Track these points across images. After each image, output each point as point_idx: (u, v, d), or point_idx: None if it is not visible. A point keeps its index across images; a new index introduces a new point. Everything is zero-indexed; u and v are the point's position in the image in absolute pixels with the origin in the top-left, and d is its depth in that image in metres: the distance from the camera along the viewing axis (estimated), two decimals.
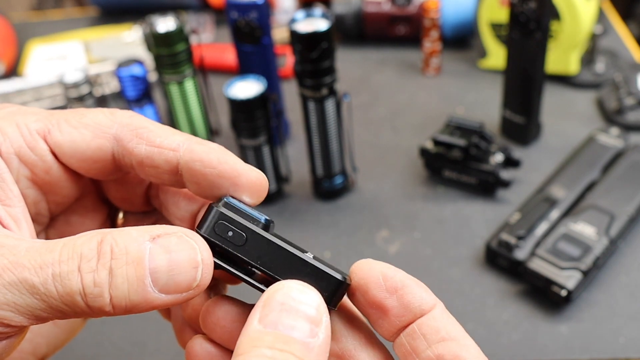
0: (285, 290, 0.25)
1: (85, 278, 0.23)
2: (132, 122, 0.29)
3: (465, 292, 0.59)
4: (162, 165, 0.28)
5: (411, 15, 0.93)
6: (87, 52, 0.99)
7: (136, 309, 0.24)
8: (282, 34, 0.97)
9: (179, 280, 0.25)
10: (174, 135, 0.28)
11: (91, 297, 0.23)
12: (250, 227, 0.27)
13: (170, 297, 0.25)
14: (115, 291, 0.24)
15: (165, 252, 0.24)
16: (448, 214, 0.67)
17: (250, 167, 0.29)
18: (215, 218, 0.27)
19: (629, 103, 0.76)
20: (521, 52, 0.69)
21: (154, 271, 0.24)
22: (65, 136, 0.28)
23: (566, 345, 0.53)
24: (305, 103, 0.64)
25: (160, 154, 0.28)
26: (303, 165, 0.73)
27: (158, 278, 0.24)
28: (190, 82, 0.69)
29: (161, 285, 0.24)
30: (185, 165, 0.28)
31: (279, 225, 0.68)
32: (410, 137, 0.78)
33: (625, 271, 0.59)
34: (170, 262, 0.24)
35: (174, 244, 0.25)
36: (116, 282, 0.24)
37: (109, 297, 0.24)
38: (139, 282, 0.24)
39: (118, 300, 0.24)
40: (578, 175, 0.65)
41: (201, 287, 0.25)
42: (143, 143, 0.28)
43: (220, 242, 0.27)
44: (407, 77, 0.90)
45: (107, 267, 0.24)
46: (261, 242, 0.27)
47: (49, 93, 0.86)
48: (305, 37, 0.59)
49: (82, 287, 0.23)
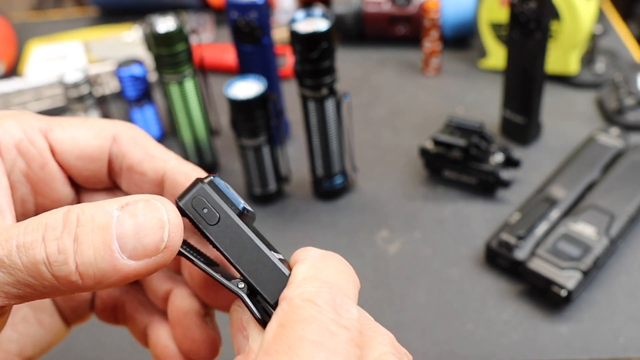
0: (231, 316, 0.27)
1: (49, 246, 0.23)
2: (132, 129, 0.30)
3: (465, 292, 0.59)
4: (149, 173, 0.30)
5: (411, 15, 0.93)
6: (87, 52, 0.99)
7: (106, 280, 0.24)
8: (282, 34, 0.97)
9: (146, 243, 0.24)
10: (167, 151, 0.31)
11: (56, 266, 0.23)
12: (225, 210, 0.27)
13: (141, 264, 0.24)
14: (81, 258, 0.23)
15: (132, 217, 0.24)
16: (448, 214, 0.67)
17: None
18: (195, 192, 0.27)
19: (629, 103, 0.76)
20: (521, 52, 0.69)
21: (121, 236, 0.24)
22: (66, 133, 0.29)
23: (566, 345, 0.53)
24: (305, 103, 0.64)
25: (151, 162, 0.30)
26: (303, 165, 0.73)
27: (125, 243, 0.24)
28: (190, 82, 0.69)
29: (129, 250, 0.24)
30: (171, 175, 0.29)
31: (279, 225, 0.68)
32: (410, 137, 0.78)
33: (625, 271, 0.59)
34: (136, 226, 0.24)
35: (141, 208, 0.24)
36: (82, 249, 0.23)
37: (74, 265, 0.23)
38: (105, 248, 0.23)
39: (85, 267, 0.23)
40: (578, 175, 0.65)
41: (170, 249, 0.25)
42: (139, 149, 0.30)
43: (193, 216, 0.27)
44: (407, 77, 0.91)
45: (72, 234, 0.23)
46: (232, 227, 0.27)
47: (49, 93, 0.86)
48: (305, 37, 0.59)
49: (46, 256, 0.23)
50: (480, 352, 0.54)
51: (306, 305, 0.24)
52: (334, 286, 0.25)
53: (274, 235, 0.67)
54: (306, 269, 0.26)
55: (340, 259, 0.28)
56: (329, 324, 0.23)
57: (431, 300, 0.58)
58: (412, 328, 0.56)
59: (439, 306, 0.58)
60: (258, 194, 0.69)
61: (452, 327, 0.56)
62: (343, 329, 0.23)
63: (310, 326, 0.23)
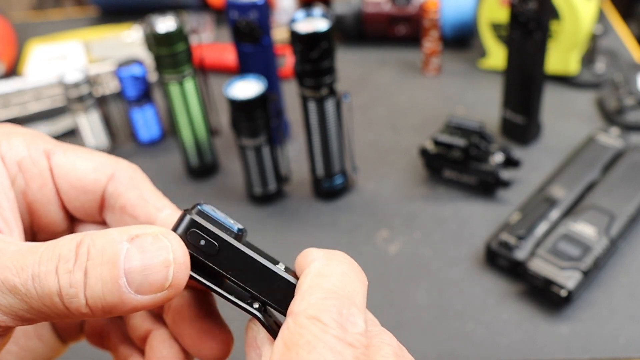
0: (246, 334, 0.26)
1: (61, 279, 0.24)
2: (132, 170, 0.30)
3: (465, 292, 0.59)
4: (140, 218, 0.30)
5: (411, 15, 0.93)
6: (87, 52, 0.99)
7: (115, 311, 0.24)
8: (282, 34, 0.97)
9: (152, 280, 0.25)
10: (163, 199, 0.30)
11: (67, 298, 0.24)
12: (223, 237, 0.27)
13: (147, 298, 0.25)
14: (90, 292, 0.24)
15: (140, 252, 0.25)
16: (448, 214, 0.67)
17: None
18: (188, 225, 0.26)
19: (629, 103, 0.76)
20: (521, 52, 0.69)
21: (129, 272, 0.24)
22: (68, 159, 0.30)
23: (566, 345, 0.53)
24: (305, 103, 0.64)
25: (144, 207, 0.30)
26: (303, 165, 0.72)
27: (133, 278, 0.24)
28: (190, 82, 0.69)
29: (136, 285, 0.24)
30: (162, 225, 0.29)
31: (279, 225, 0.68)
32: (410, 137, 0.78)
33: (625, 271, 0.59)
34: (143, 262, 0.25)
35: (149, 243, 0.25)
36: (90, 283, 0.24)
37: (84, 299, 0.24)
38: (113, 283, 0.24)
39: (93, 301, 0.24)
40: (578, 175, 0.65)
41: (175, 287, 0.25)
42: (136, 190, 0.30)
43: (192, 250, 0.26)
44: (407, 77, 0.90)
45: (82, 268, 0.24)
46: (233, 253, 0.27)
47: (49, 93, 0.86)
48: (305, 37, 0.59)
49: (59, 288, 0.24)
50: (480, 352, 0.54)
51: (311, 324, 0.24)
52: (340, 295, 0.25)
53: (274, 235, 0.67)
54: (310, 278, 0.26)
55: (343, 259, 0.28)
56: (334, 343, 0.23)
57: (431, 300, 0.58)
58: (412, 328, 0.56)
59: (439, 306, 0.58)
60: (258, 194, 0.69)
61: (452, 327, 0.56)
62: (349, 348, 0.23)
63: (315, 350, 0.23)
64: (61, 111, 0.85)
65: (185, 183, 0.75)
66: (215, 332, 0.30)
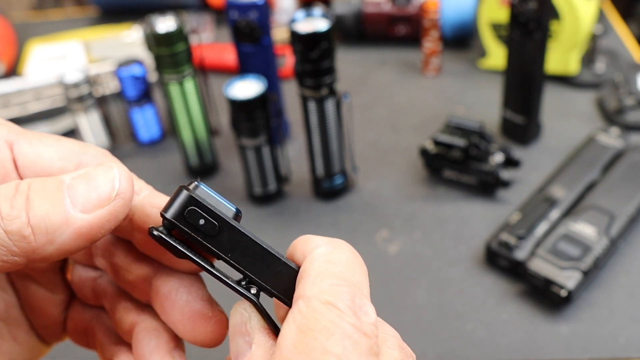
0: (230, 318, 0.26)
1: (2, 204, 0.24)
2: (103, 155, 0.29)
3: (465, 292, 0.59)
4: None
5: (411, 15, 0.93)
6: (87, 52, 0.99)
7: (59, 235, 0.24)
8: (282, 34, 0.97)
9: (97, 193, 0.25)
10: (138, 181, 0.29)
11: (8, 219, 0.23)
12: (224, 217, 0.25)
13: (93, 216, 0.24)
14: (32, 212, 0.24)
15: (84, 179, 0.25)
16: (448, 214, 0.67)
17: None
18: (185, 202, 0.25)
19: (629, 103, 0.76)
20: (521, 52, 0.69)
21: (72, 192, 0.24)
22: (33, 149, 0.28)
23: (566, 345, 0.53)
24: (305, 103, 0.64)
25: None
26: (303, 165, 0.73)
27: (77, 196, 0.24)
28: (190, 82, 0.69)
29: (81, 203, 0.24)
30: (140, 208, 0.28)
31: (279, 225, 0.68)
32: (410, 137, 0.78)
33: (625, 271, 0.59)
34: (87, 182, 0.25)
35: (92, 171, 0.25)
36: (33, 204, 0.24)
37: (26, 219, 0.23)
38: (57, 202, 0.24)
39: (36, 220, 0.24)
40: (578, 175, 0.65)
41: (122, 197, 0.25)
42: None
43: (189, 229, 0.25)
44: (407, 77, 0.90)
45: (24, 195, 0.24)
46: (235, 234, 0.25)
47: (49, 93, 0.86)
48: (305, 37, 0.59)
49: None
50: (480, 352, 0.54)
51: (327, 309, 0.23)
52: (351, 283, 0.25)
53: (274, 235, 0.67)
54: (319, 264, 0.25)
55: (349, 248, 0.27)
56: (351, 331, 0.23)
57: (431, 300, 0.58)
58: (412, 328, 0.56)
59: (439, 306, 0.58)
60: (258, 194, 0.69)
61: (452, 327, 0.56)
62: (364, 337, 0.23)
63: (333, 337, 0.23)
64: (61, 111, 0.85)
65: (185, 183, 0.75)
66: (209, 314, 0.29)
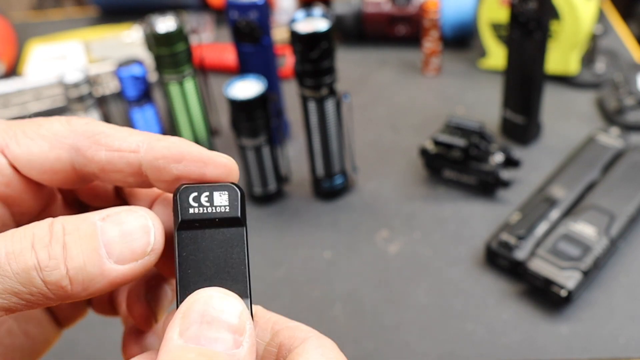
0: (204, 300, 0.24)
1: (39, 253, 0.23)
2: (89, 128, 0.28)
3: (465, 292, 0.59)
4: (125, 169, 0.27)
5: (411, 15, 0.93)
6: (87, 52, 0.99)
7: (94, 285, 0.24)
8: (282, 34, 0.97)
9: (133, 247, 0.25)
10: (132, 136, 0.28)
11: (47, 271, 0.23)
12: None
13: (127, 267, 0.24)
14: (71, 263, 0.23)
15: (117, 224, 0.25)
16: (448, 214, 0.67)
17: (217, 153, 0.28)
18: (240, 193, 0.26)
19: (629, 103, 0.76)
20: (521, 52, 0.69)
21: (108, 242, 0.24)
22: (22, 148, 0.28)
23: (566, 345, 0.53)
24: (305, 103, 0.64)
25: (121, 158, 0.27)
26: (303, 165, 0.73)
27: (112, 248, 0.24)
28: (190, 82, 0.69)
29: (117, 255, 0.24)
30: (148, 164, 0.27)
31: (279, 225, 0.68)
32: (410, 137, 0.78)
33: (625, 271, 0.59)
34: (122, 232, 0.25)
35: (124, 216, 0.25)
36: (71, 254, 0.24)
37: (65, 269, 0.23)
38: (93, 253, 0.24)
39: (75, 272, 0.23)
40: (578, 175, 0.65)
41: (155, 252, 0.25)
42: (102, 149, 0.27)
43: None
44: (407, 77, 0.91)
45: (60, 241, 0.24)
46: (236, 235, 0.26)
47: (49, 93, 0.86)
48: (305, 37, 0.59)
49: (37, 261, 0.23)
50: (480, 352, 0.54)
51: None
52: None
53: (274, 235, 0.67)
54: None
55: (337, 353, 0.27)
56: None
57: (431, 300, 0.58)
58: (412, 328, 0.56)
59: (439, 306, 0.58)
60: (258, 194, 0.69)
61: (452, 327, 0.56)
62: None
63: None
64: (61, 111, 0.85)
65: None
66: None
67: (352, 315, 0.57)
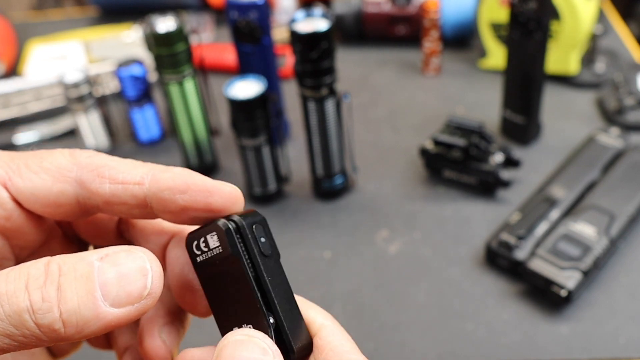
0: (232, 345, 0.25)
1: (32, 294, 0.23)
2: (92, 161, 0.28)
3: (465, 292, 0.59)
4: (129, 201, 0.27)
5: (411, 15, 0.93)
6: (87, 52, 0.99)
7: (87, 328, 0.23)
8: (282, 34, 0.97)
9: (129, 290, 0.24)
10: (136, 168, 0.28)
11: (40, 314, 0.23)
12: (276, 246, 0.28)
13: (123, 311, 0.24)
14: (64, 306, 0.23)
15: (114, 266, 0.24)
16: (448, 214, 0.67)
17: (221, 183, 0.28)
18: (257, 218, 0.27)
19: (629, 103, 0.76)
20: (521, 52, 0.69)
21: (104, 284, 0.24)
22: (26, 182, 0.28)
23: (566, 345, 0.53)
24: (305, 103, 0.64)
25: (125, 190, 0.27)
26: (303, 165, 0.73)
27: (108, 291, 0.24)
28: (190, 82, 0.69)
29: (112, 298, 0.24)
30: (153, 196, 0.27)
31: (279, 225, 0.68)
32: (410, 137, 0.78)
33: (625, 271, 0.59)
34: (119, 274, 0.24)
35: (123, 257, 0.24)
36: (65, 297, 0.23)
37: (58, 312, 0.23)
38: (88, 296, 0.23)
39: (68, 315, 0.23)
40: (578, 175, 0.65)
41: (152, 296, 0.25)
42: (106, 182, 0.27)
43: (250, 239, 0.27)
44: (407, 77, 0.90)
45: (55, 283, 0.23)
46: (276, 266, 0.27)
47: (49, 93, 0.86)
48: (305, 37, 0.59)
49: (30, 304, 0.23)
50: (480, 352, 0.54)
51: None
52: None
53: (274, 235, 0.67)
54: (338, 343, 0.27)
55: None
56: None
57: (431, 300, 0.58)
58: (412, 328, 0.56)
59: (439, 306, 0.58)
60: (258, 194, 0.69)
61: (452, 327, 0.56)
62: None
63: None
64: (61, 111, 0.85)
65: None
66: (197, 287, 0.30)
67: (352, 315, 0.57)
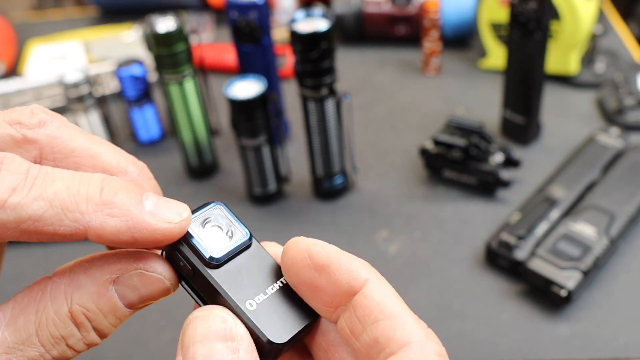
0: (193, 324, 0.25)
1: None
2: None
3: (465, 292, 0.59)
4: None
5: (411, 15, 0.93)
6: (87, 52, 0.99)
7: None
8: (282, 34, 0.97)
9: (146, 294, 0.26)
10: (111, 152, 0.29)
11: None
12: (195, 264, 0.27)
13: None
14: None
15: (133, 290, 0.25)
16: (448, 214, 0.67)
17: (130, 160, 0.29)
18: (169, 246, 0.27)
19: (629, 103, 0.76)
20: (521, 52, 0.69)
21: (129, 305, 0.26)
22: None
23: (566, 345, 0.53)
24: (305, 103, 0.64)
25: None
26: (303, 165, 0.73)
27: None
28: (190, 82, 0.69)
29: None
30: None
31: (279, 225, 0.68)
32: (410, 137, 0.78)
33: (625, 271, 0.59)
34: (141, 298, 0.26)
35: (137, 282, 0.25)
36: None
37: None
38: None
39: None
40: (578, 175, 0.65)
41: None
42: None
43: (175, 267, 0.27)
44: (407, 77, 0.90)
45: (89, 329, 0.25)
46: (204, 280, 0.27)
47: (49, 93, 0.86)
48: (305, 37, 0.59)
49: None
50: (480, 352, 0.54)
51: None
52: None
53: (274, 236, 0.67)
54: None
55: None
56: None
57: (431, 300, 0.58)
58: None
59: (439, 306, 0.58)
60: (258, 194, 0.69)
61: (452, 327, 0.56)
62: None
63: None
64: (61, 111, 0.84)
65: (185, 183, 0.75)
66: None
67: None
